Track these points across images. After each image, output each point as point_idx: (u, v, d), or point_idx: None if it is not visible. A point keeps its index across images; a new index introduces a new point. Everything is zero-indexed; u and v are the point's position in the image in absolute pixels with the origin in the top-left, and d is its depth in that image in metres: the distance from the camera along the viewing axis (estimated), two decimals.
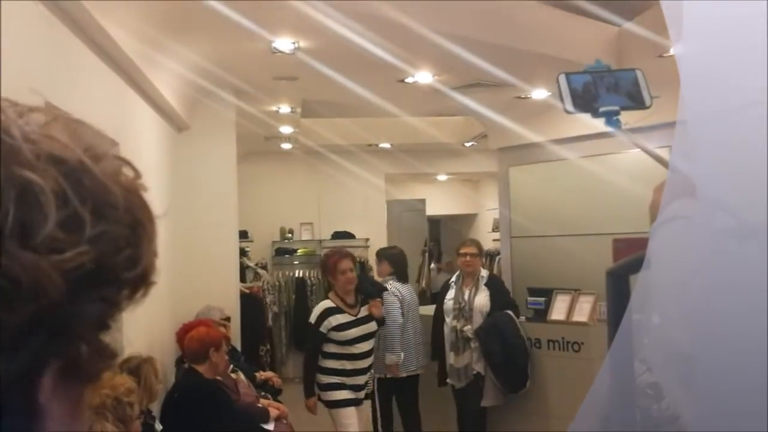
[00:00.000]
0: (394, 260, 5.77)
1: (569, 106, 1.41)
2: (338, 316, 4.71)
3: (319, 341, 4.73)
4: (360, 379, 4.84)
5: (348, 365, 4.77)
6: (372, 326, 4.84)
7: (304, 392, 4.85)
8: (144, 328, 4.27)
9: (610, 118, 1.42)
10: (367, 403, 5.21)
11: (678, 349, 0.86)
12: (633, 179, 4.67)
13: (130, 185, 0.45)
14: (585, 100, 1.45)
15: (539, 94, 6.18)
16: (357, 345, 4.75)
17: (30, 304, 0.37)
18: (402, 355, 5.46)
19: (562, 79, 1.40)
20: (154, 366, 3.52)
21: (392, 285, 5.55)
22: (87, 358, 0.44)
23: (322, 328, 4.69)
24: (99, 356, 0.45)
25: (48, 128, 0.42)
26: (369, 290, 4.96)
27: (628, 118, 2.18)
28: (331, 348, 4.76)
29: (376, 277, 6.07)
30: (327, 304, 4.79)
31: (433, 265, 12.23)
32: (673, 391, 0.89)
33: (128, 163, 0.46)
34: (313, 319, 4.78)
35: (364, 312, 4.81)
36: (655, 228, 1.02)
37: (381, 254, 5.94)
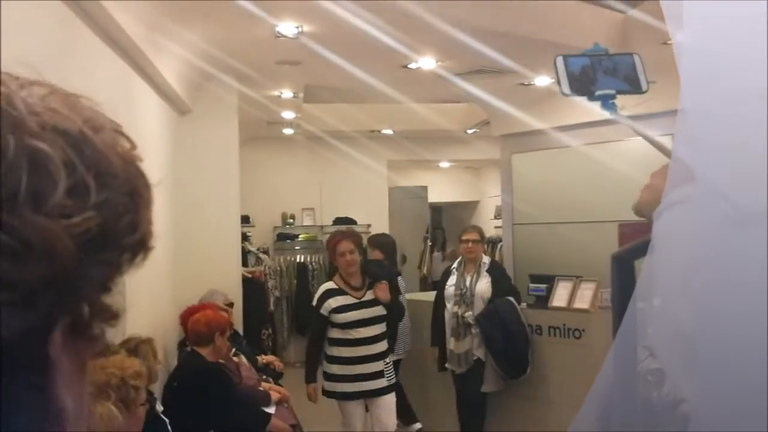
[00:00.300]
0: (385, 247, 5.90)
1: (566, 89, 1.41)
2: (339, 297, 4.49)
3: (321, 324, 4.54)
4: (364, 368, 4.50)
5: (348, 352, 4.49)
6: (377, 310, 4.54)
7: (305, 378, 4.66)
8: (146, 312, 4.29)
9: (606, 101, 1.42)
10: (389, 397, 4.67)
11: (681, 329, 0.87)
12: (635, 167, 4.66)
13: (127, 155, 0.47)
14: (582, 83, 1.45)
15: (542, 80, 6.16)
16: (358, 329, 4.49)
17: (42, 265, 0.40)
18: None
19: (560, 61, 1.40)
20: (153, 347, 3.54)
21: None
22: (91, 319, 0.46)
23: (323, 310, 4.49)
24: (102, 317, 0.47)
25: (48, 100, 0.44)
26: (375, 272, 4.70)
27: (631, 104, 2.18)
28: (333, 333, 4.54)
29: None
30: (328, 285, 4.62)
31: (437, 253, 12.22)
32: (675, 373, 0.90)
33: (124, 135, 0.48)
34: (314, 300, 4.62)
35: (370, 296, 4.54)
36: (658, 213, 1.03)
37: (372, 241, 6.09)
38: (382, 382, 4.55)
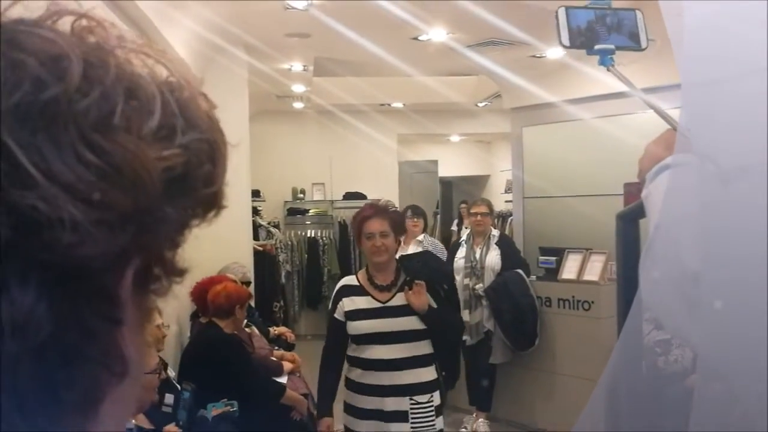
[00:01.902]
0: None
1: (565, 40, 1.40)
2: (356, 298, 3.21)
3: (337, 334, 3.26)
4: (381, 403, 3.14)
5: (363, 377, 3.19)
6: (407, 323, 3.14)
7: (316, 409, 3.48)
8: None
9: (605, 56, 1.41)
10: None
11: (681, 269, 0.88)
12: (647, 140, 4.64)
13: (211, 111, 0.48)
14: (583, 36, 1.44)
15: (554, 53, 6.11)
16: (373, 347, 3.13)
17: (129, 193, 0.39)
18: None
19: (562, 12, 1.39)
20: (159, 312, 3.59)
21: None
22: (157, 272, 0.46)
23: (338, 314, 3.23)
24: (167, 271, 0.47)
25: (143, 46, 0.45)
26: (414, 268, 3.32)
27: (626, 61, 2.16)
28: (350, 348, 3.25)
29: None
30: (346, 280, 3.36)
31: (454, 227, 12.17)
32: (675, 319, 0.92)
33: (207, 97, 0.49)
34: (330, 302, 3.40)
35: (399, 299, 3.17)
36: (650, 176, 1.04)
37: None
38: (403, 428, 3.14)
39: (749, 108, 0.90)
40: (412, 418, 3.12)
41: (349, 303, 3.20)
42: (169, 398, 3.36)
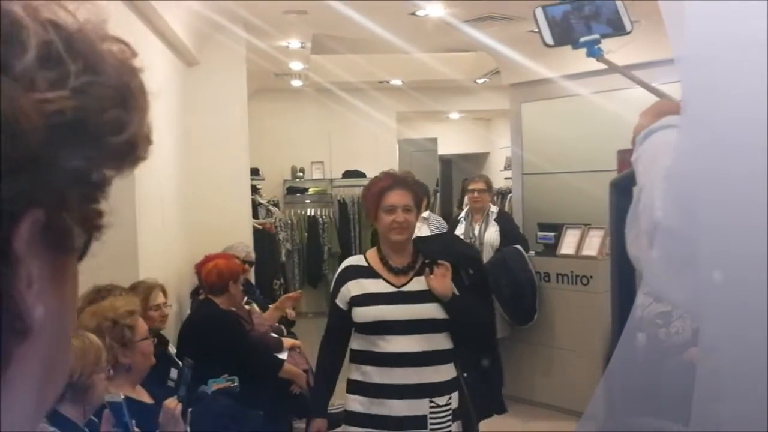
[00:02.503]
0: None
1: (548, 39, 1.40)
2: (364, 281, 2.73)
3: (338, 324, 2.80)
4: (395, 407, 2.64)
5: (372, 375, 2.69)
6: (427, 310, 2.68)
7: (312, 408, 3.10)
8: (159, 261, 4.36)
9: (592, 47, 1.41)
10: None
11: (652, 221, 0.90)
12: None
13: (125, 57, 0.45)
14: (565, 31, 1.44)
15: None
16: (389, 338, 2.66)
17: (7, 140, 0.37)
18: None
19: (539, 12, 1.39)
20: (163, 290, 3.61)
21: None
22: (68, 225, 0.43)
23: (340, 301, 2.76)
24: (82, 225, 0.44)
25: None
26: (433, 251, 2.82)
27: (616, 47, 2.15)
28: (355, 341, 2.77)
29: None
30: (352, 260, 2.87)
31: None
32: (661, 275, 0.93)
33: (125, 43, 0.47)
34: (332, 285, 2.89)
35: (417, 284, 2.72)
36: (643, 136, 1.05)
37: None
38: None
39: (748, 81, 0.91)
40: (431, 424, 2.63)
41: (356, 287, 2.71)
42: (173, 373, 3.39)
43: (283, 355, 4.45)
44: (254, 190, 7.50)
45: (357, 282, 2.73)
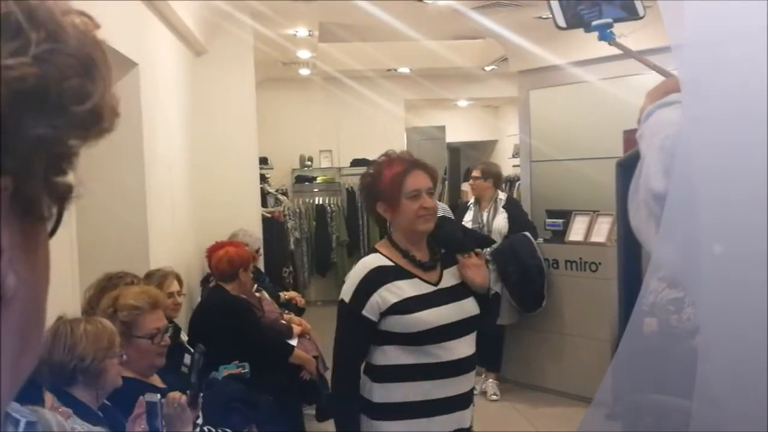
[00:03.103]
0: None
1: (561, 22, 1.40)
2: (400, 283, 2.29)
3: (360, 340, 2.31)
4: (442, 424, 2.30)
5: (428, 390, 2.27)
6: (469, 306, 2.37)
7: None
8: (169, 249, 4.39)
9: (603, 31, 1.41)
10: None
11: (653, 192, 0.91)
12: None
13: (88, 29, 0.46)
14: (577, 15, 1.44)
15: None
16: (446, 344, 2.28)
17: None
18: None
19: None
20: (178, 279, 3.64)
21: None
22: (37, 193, 0.43)
23: (369, 312, 2.25)
24: (50, 195, 0.45)
25: None
26: (458, 239, 2.54)
27: (628, 31, 2.15)
28: (390, 355, 2.29)
29: None
30: (373, 261, 2.35)
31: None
32: (651, 244, 0.95)
33: (88, 16, 0.47)
34: (346, 292, 2.32)
35: (451, 279, 2.38)
36: (647, 113, 1.06)
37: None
38: None
39: (748, 68, 0.92)
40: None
41: (392, 292, 2.26)
42: (187, 359, 3.42)
43: (294, 342, 4.48)
44: (263, 179, 7.52)
45: (392, 286, 2.27)
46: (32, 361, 0.48)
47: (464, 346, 2.32)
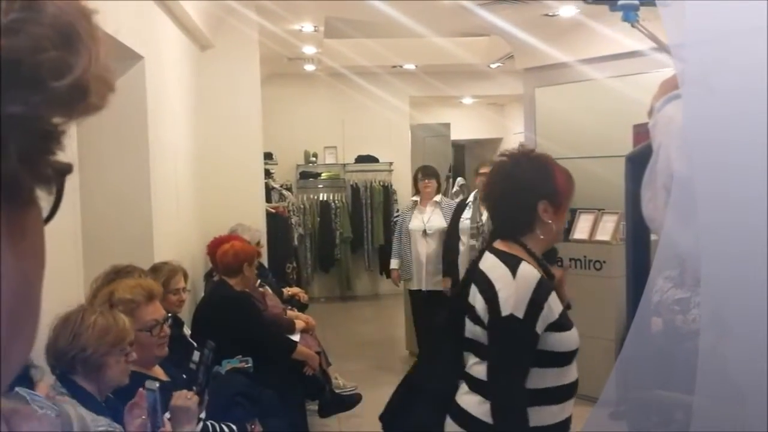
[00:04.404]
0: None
1: None
2: (554, 297, 2.07)
3: (528, 360, 2.03)
4: None
5: (556, 413, 2.12)
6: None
7: None
8: (174, 244, 4.39)
9: (629, 12, 1.40)
10: None
11: (670, 175, 0.91)
12: None
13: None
14: None
15: (567, 11, 6.03)
16: (573, 364, 2.19)
17: None
18: None
19: None
20: (184, 274, 3.63)
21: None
22: (17, 176, 0.40)
23: (540, 326, 2.01)
24: (39, 177, 0.42)
25: None
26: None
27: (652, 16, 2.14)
28: (537, 377, 2.06)
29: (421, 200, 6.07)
30: (532, 268, 2.07)
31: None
32: (676, 230, 0.94)
33: None
34: (516, 306, 1.97)
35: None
36: (660, 105, 1.05)
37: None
38: None
39: (750, 63, 0.91)
40: None
41: (553, 306, 2.04)
42: (196, 355, 3.40)
43: (296, 337, 4.48)
44: (267, 174, 7.52)
45: (552, 299, 2.04)
46: (26, 350, 0.46)
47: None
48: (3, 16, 0.38)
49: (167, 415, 2.28)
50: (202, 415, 2.60)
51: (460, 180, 7.44)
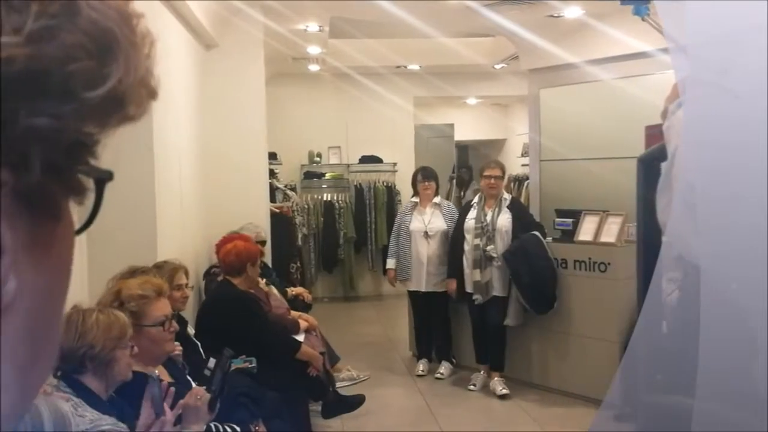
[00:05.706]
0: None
1: None
2: None
3: None
4: None
5: None
6: None
7: None
8: (177, 243, 4.39)
9: (640, 6, 1.39)
10: None
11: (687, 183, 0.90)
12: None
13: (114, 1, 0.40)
14: None
15: (573, 12, 6.02)
16: None
17: None
18: None
19: None
20: (186, 272, 3.63)
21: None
22: (46, 188, 0.38)
23: None
24: (63, 188, 0.40)
25: None
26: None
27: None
28: None
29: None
30: None
31: (462, 193, 12.15)
32: (683, 236, 0.93)
33: None
34: None
35: None
36: (674, 107, 1.05)
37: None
38: None
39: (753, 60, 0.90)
40: None
41: None
42: (211, 362, 3.38)
43: (300, 337, 4.47)
44: (272, 174, 7.51)
45: None
46: (46, 370, 0.43)
47: None
48: (32, 21, 0.35)
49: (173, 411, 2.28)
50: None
51: (474, 184, 7.45)
